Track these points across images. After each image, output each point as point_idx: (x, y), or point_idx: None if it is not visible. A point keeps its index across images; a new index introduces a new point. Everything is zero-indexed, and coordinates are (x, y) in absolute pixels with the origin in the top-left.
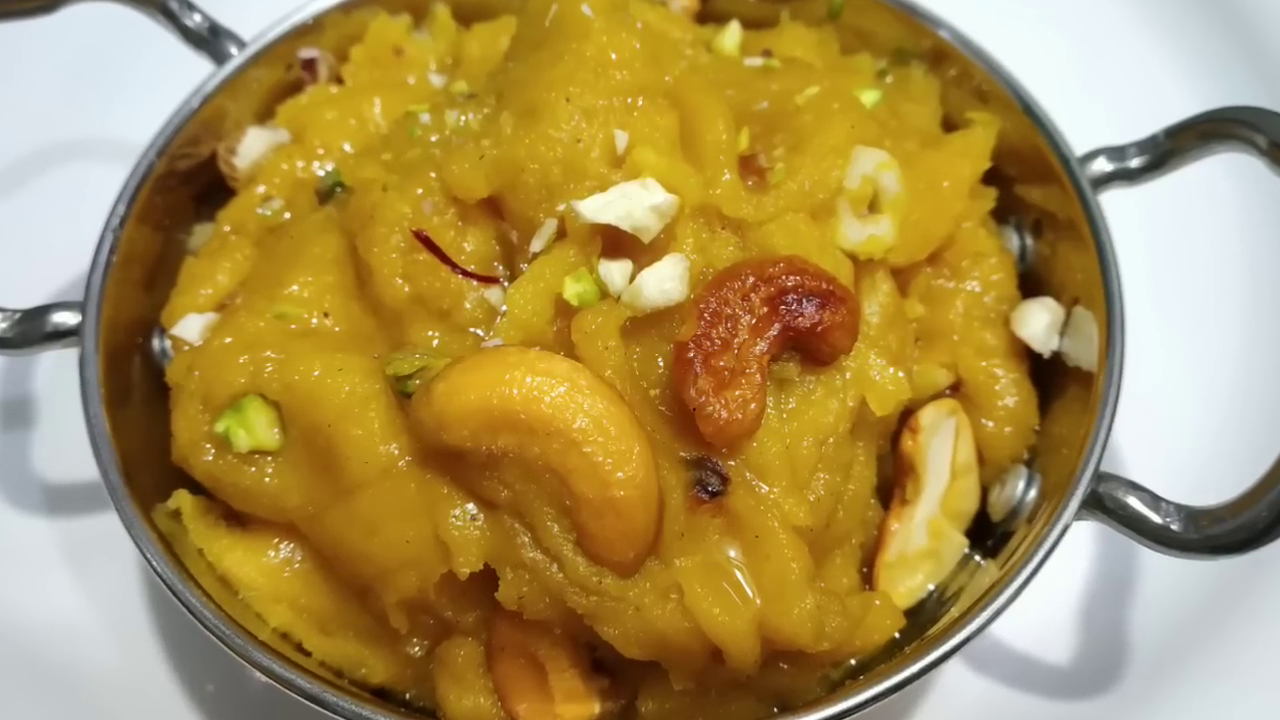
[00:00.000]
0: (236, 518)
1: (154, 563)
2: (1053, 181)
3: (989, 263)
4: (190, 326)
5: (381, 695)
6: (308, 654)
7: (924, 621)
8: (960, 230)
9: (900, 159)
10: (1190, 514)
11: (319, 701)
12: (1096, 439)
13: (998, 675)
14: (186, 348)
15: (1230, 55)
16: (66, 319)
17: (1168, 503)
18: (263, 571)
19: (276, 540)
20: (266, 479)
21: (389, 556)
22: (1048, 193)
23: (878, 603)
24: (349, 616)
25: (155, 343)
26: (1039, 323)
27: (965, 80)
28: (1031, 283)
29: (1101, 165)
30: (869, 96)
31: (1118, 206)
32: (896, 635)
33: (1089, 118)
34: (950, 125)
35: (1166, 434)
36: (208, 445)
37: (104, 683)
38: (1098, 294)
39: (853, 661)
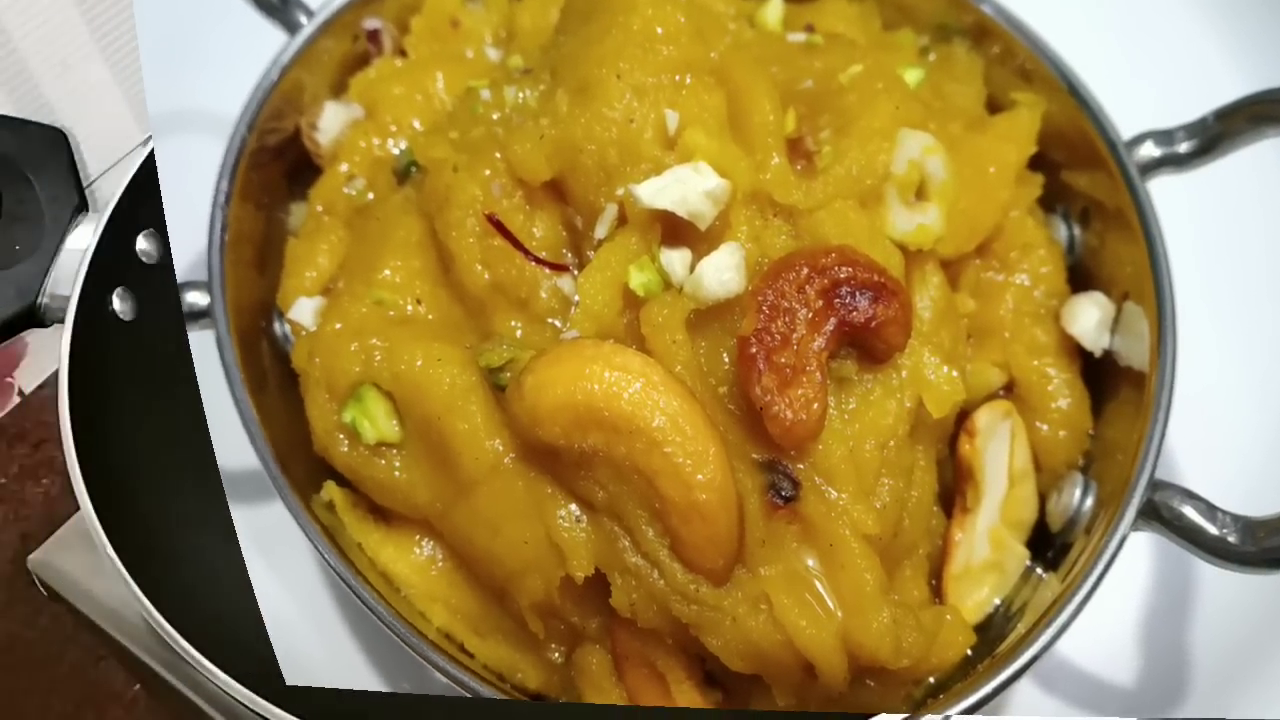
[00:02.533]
0: (380, 512)
1: (327, 557)
2: (1100, 167)
3: (1037, 254)
4: (304, 310)
5: (538, 701)
6: (470, 655)
7: (993, 638)
8: (1008, 219)
9: (945, 142)
10: (1247, 525)
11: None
12: (1150, 444)
13: (1064, 694)
14: (304, 332)
15: None
16: (198, 299)
17: (1224, 513)
18: (414, 569)
19: (418, 537)
20: (396, 473)
21: (514, 558)
22: (1095, 179)
23: (949, 617)
24: (495, 619)
25: (276, 326)
26: (1089, 319)
27: (1008, 58)
28: (1080, 276)
29: (1149, 150)
30: (912, 75)
31: (1166, 194)
32: (969, 652)
33: (1134, 98)
34: (993, 106)
35: (1220, 437)
36: (341, 436)
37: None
38: (1148, 288)
39: (931, 679)
